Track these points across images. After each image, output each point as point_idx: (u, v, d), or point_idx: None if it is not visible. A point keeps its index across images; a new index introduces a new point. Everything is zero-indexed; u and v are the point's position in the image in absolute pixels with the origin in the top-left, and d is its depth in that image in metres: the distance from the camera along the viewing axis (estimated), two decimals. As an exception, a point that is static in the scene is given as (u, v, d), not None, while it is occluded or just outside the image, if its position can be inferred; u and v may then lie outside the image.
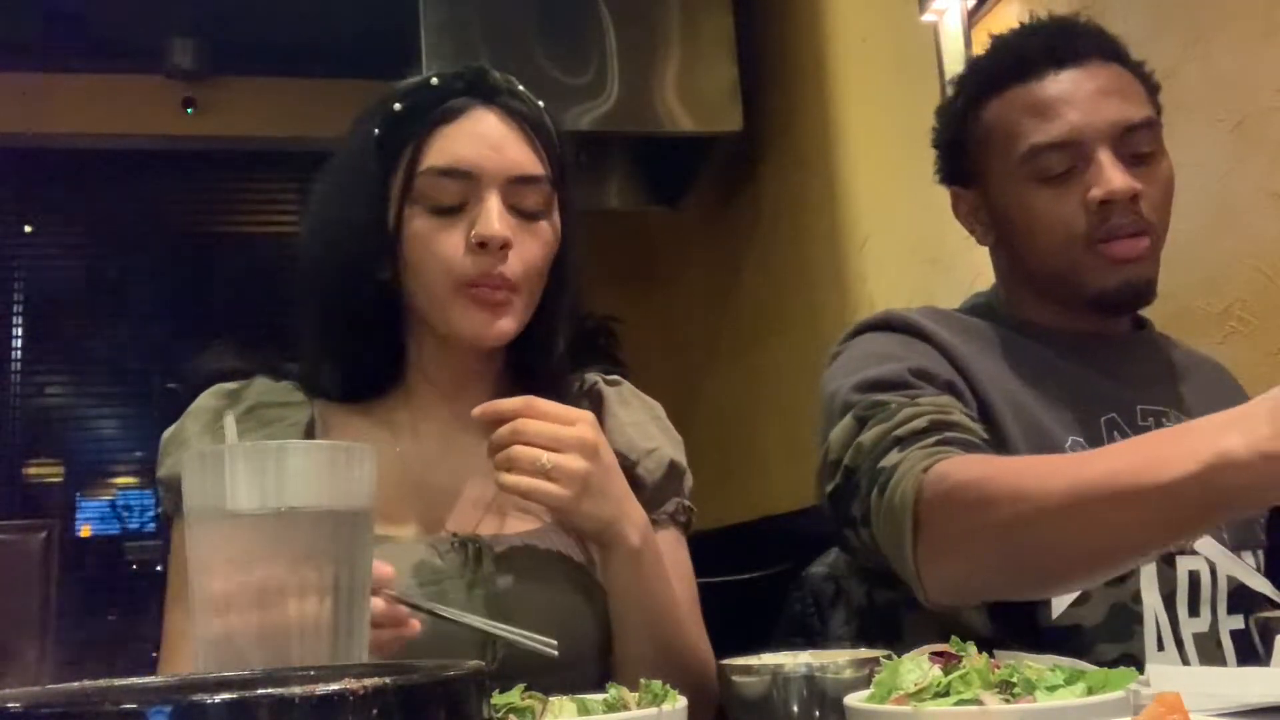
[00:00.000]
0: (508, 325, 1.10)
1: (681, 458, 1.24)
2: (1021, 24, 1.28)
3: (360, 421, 1.16)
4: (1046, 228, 1.19)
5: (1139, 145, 1.19)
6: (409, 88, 1.14)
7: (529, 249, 1.11)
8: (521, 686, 0.76)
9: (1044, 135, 1.18)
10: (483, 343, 1.11)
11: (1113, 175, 1.15)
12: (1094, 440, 1.15)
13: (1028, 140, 1.19)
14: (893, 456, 1.02)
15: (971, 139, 1.27)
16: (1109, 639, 1.08)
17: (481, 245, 1.07)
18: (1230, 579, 1.14)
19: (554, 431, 1.01)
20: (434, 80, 1.14)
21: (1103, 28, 1.28)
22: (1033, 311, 1.27)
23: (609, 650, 1.10)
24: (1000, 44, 1.29)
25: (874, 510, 1.02)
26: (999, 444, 1.12)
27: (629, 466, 1.16)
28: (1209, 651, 1.11)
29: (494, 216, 1.08)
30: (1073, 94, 1.18)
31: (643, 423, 1.23)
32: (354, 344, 1.15)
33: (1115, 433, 1.18)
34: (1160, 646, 1.08)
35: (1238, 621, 1.13)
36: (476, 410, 1.02)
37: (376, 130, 1.12)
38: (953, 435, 1.03)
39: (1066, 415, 1.17)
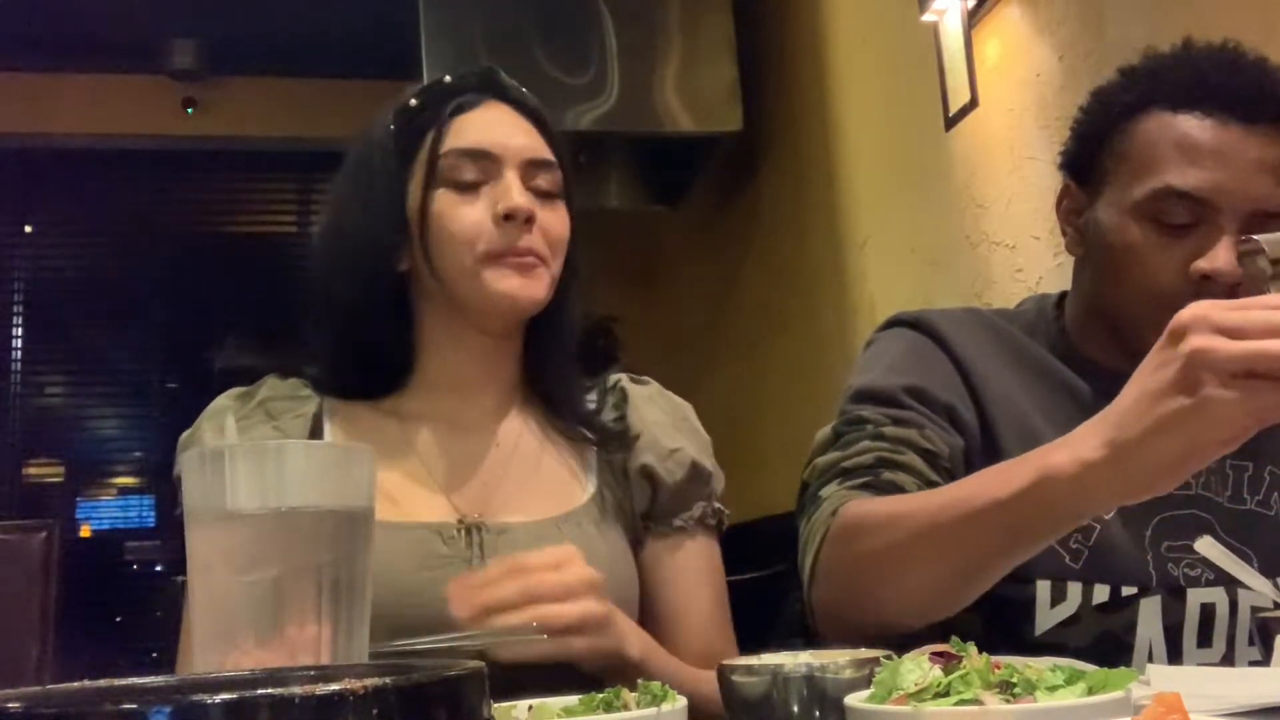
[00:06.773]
0: (540, 291, 1.12)
1: (707, 460, 1.23)
2: (1225, 48, 1.17)
3: (368, 412, 1.17)
4: (1140, 270, 1.11)
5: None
6: (423, 87, 1.19)
7: (552, 224, 1.14)
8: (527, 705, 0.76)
9: (1180, 179, 1.09)
10: (518, 305, 1.12)
11: (1224, 254, 1.07)
12: None
13: (1162, 177, 1.10)
14: (829, 489, 1.07)
15: (1112, 140, 1.16)
16: (1094, 663, 1.07)
17: (508, 218, 1.10)
18: (1254, 611, 1.09)
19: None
20: (447, 79, 1.19)
21: None
22: (1091, 344, 1.21)
23: None
24: (1194, 60, 1.16)
25: (799, 535, 1.09)
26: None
27: (650, 469, 1.18)
28: None
29: (515, 190, 1.11)
30: (1233, 153, 1.09)
31: (668, 423, 1.23)
32: (367, 340, 1.16)
33: None
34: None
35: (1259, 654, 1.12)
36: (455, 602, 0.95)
37: (392, 125, 1.16)
38: (889, 477, 1.05)
39: None
